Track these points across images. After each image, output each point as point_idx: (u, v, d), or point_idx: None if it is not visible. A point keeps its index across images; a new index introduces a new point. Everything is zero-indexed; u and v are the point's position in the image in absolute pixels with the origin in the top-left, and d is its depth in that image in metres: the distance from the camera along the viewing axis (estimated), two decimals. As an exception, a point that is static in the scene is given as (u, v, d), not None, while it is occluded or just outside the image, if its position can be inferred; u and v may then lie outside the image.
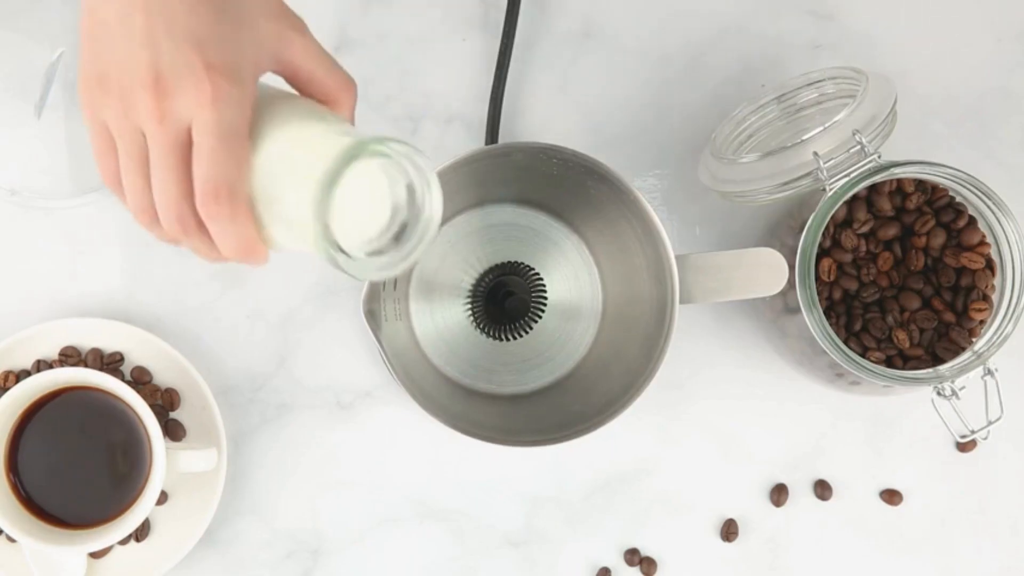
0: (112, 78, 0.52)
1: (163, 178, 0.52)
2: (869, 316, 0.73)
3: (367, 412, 0.78)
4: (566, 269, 0.77)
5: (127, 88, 0.52)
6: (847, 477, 0.79)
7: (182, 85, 0.51)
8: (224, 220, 0.52)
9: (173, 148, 0.52)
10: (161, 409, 0.76)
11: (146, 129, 0.52)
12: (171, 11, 0.52)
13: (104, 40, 0.52)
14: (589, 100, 0.79)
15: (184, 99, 0.51)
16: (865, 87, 0.69)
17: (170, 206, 0.53)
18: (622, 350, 0.76)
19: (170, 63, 0.51)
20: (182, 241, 0.54)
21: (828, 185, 0.68)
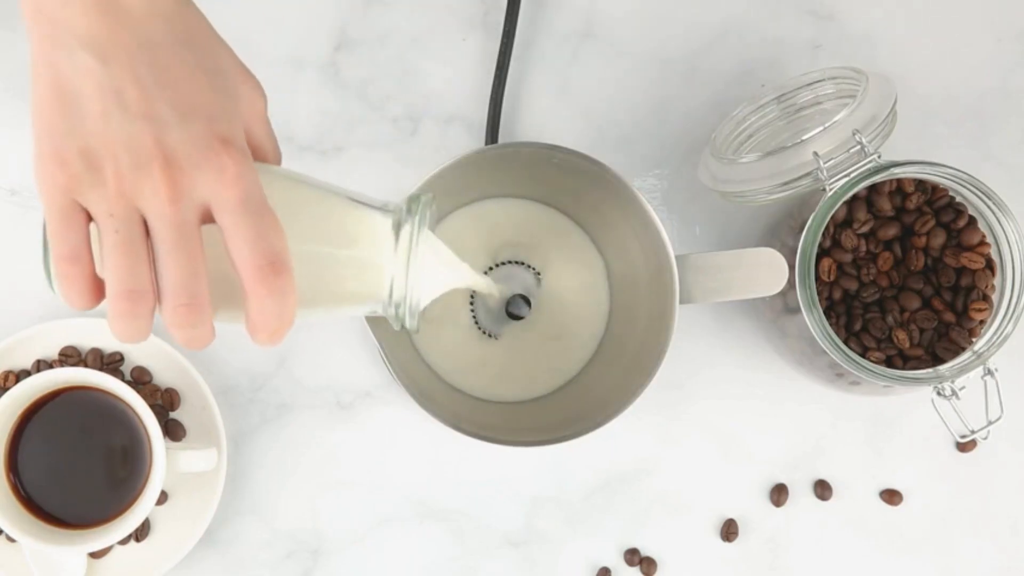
0: (101, 155, 0.48)
1: (178, 262, 0.49)
2: (869, 316, 0.73)
3: (367, 412, 0.78)
4: (571, 267, 0.77)
5: (127, 167, 0.48)
6: (847, 477, 0.79)
7: (198, 163, 0.48)
8: (284, 293, 0.49)
9: (190, 229, 0.49)
10: (161, 409, 0.76)
11: (153, 211, 0.48)
12: (170, 82, 0.49)
13: (81, 114, 0.49)
14: (589, 100, 0.79)
15: (202, 178, 0.49)
16: (865, 87, 0.69)
17: (183, 290, 0.49)
18: (622, 350, 0.76)
19: (180, 139, 0.49)
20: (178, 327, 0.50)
21: (828, 185, 0.68)
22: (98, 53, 0.49)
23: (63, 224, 0.49)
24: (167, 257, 0.49)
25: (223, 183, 0.49)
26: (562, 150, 0.71)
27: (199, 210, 0.49)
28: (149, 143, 0.48)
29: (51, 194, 0.49)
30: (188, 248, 0.49)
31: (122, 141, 0.48)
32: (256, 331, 0.50)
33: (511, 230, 0.77)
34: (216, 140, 0.49)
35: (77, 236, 0.49)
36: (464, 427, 0.71)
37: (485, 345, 0.77)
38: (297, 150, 0.78)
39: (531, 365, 0.77)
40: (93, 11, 0.49)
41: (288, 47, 0.78)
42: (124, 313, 0.49)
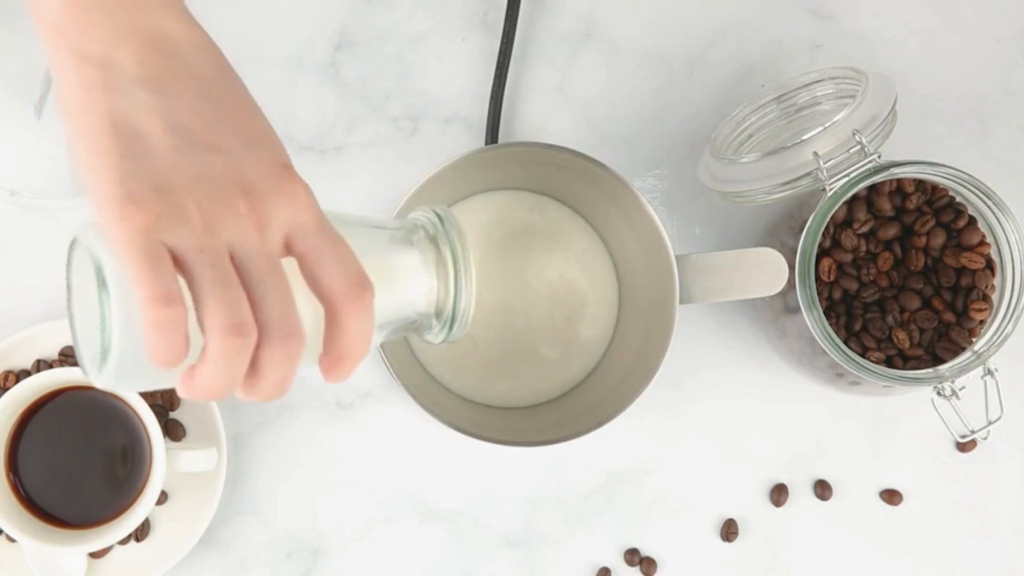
0: (180, 190, 0.46)
1: (276, 292, 0.47)
2: (869, 316, 0.73)
3: (367, 412, 0.78)
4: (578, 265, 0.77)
5: (207, 200, 0.47)
6: (847, 477, 0.79)
7: (273, 191, 0.48)
8: (370, 312, 0.48)
9: (277, 259, 0.48)
10: (161, 409, 0.76)
11: (240, 243, 0.47)
12: (228, 113, 0.49)
13: (149, 151, 0.47)
14: (589, 100, 0.79)
15: (280, 206, 0.48)
16: (865, 87, 0.69)
17: (284, 321, 0.47)
18: (623, 350, 0.76)
19: (252, 168, 0.48)
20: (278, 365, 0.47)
21: (828, 185, 0.68)
22: (157, 89, 0.48)
23: (152, 263, 0.46)
24: (263, 288, 0.47)
25: (299, 209, 0.48)
26: (562, 150, 0.71)
27: (280, 239, 0.48)
28: (225, 174, 0.47)
29: (132, 238, 0.46)
30: (281, 278, 0.47)
31: (197, 174, 0.47)
32: (338, 361, 0.49)
33: (517, 222, 0.77)
34: (282, 167, 0.49)
35: (169, 277, 0.46)
36: (464, 427, 0.71)
37: (484, 349, 0.76)
38: (297, 150, 0.78)
39: (534, 372, 0.77)
40: (146, 50, 0.48)
41: (288, 47, 0.78)
42: (231, 352, 0.46)
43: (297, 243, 0.48)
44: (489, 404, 0.76)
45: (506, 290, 0.76)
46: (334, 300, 0.48)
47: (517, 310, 0.76)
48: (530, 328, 0.76)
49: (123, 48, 0.48)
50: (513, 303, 0.76)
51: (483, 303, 0.75)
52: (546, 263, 0.76)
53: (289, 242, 0.48)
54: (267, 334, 0.47)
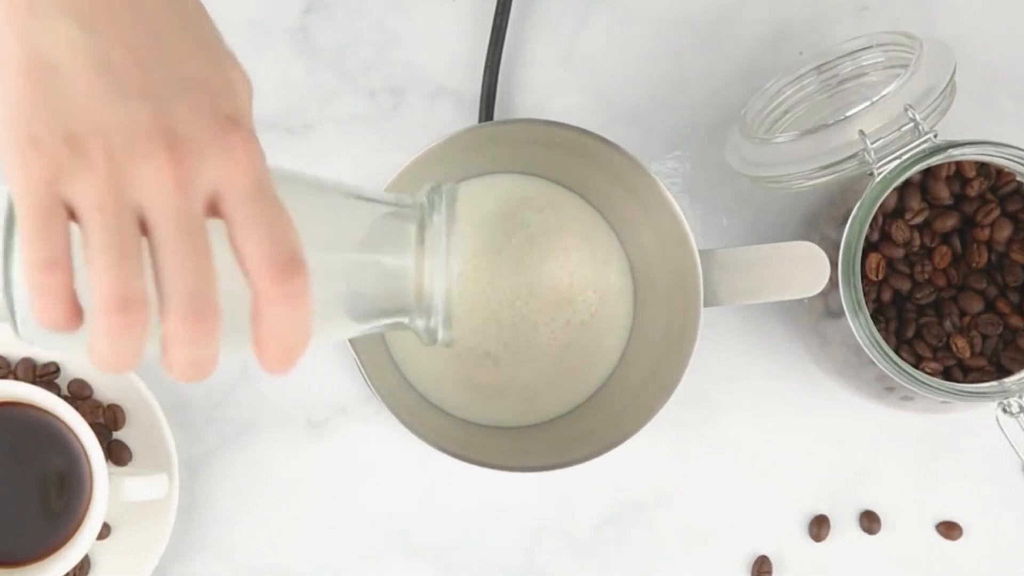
0: (89, 137, 0.47)
1: (187, 262, 0.47)
2: (924, 321, 0.73)
3: (343, 431, 0.78)
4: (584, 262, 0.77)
5: (120, 149, 0.46)
6: (898, 507, 0.79)
7: (205, 144, 0.47)
8: (301, 297, 0.48)
9: (198, 223, 0.47)
10: (103, 428, 0.76)
11: (154, 200, 0.47)
12: (167, 53, 0.48)
13: (63, 91, 0.47)
14: (598, 71, 0.79)
15: (210, 161, 0.47)
16: (919, 55, 0.69)
17: (194, 296, 0.47)
18: (638, 360, 0.76)
19: (184, 117, 0.47)
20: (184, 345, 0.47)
21: (876, 169, 0.69)
22: (83, 20, 0.48)
23: (42, 223, 0.46)
24: (173, 257, 0.47)
25: (234, 167, 0.47)
26: (567, 128, 0.71)
27: (205, 200, 0.48)
28: (147, 121, 0.47)
29: (26, 186, 0.46)
30: (197, 245, 0.47)
31: (114, 120, 0.47)
32: (266, 349, 0.49)
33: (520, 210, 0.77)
34: (223, 118, 0.48)
35: (57, 237, 0.47)
36: (454, 449, 0.71)
37: (478, 362, 0.76)
38: (261, 128, 0.75)
39: (535, 385, 0.77)
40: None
41: (251, 9, 0.78)
42: (115, 329, 0.46)
43: (224, 207, 0.48)
44: (483, 422, 0.77)
45: (502, 292, 0.76)
46: (257, 279, 0.48)
47: (515, 315, 0.76)
48: (530, 336, 0.76)
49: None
50: (510, 307, 0.76)
51: (475, 307, 0.76)
52: (548, 260, 0.77)
53: (217, 205, 0.48)
54: (171, 310, 0.47)
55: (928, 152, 0.68)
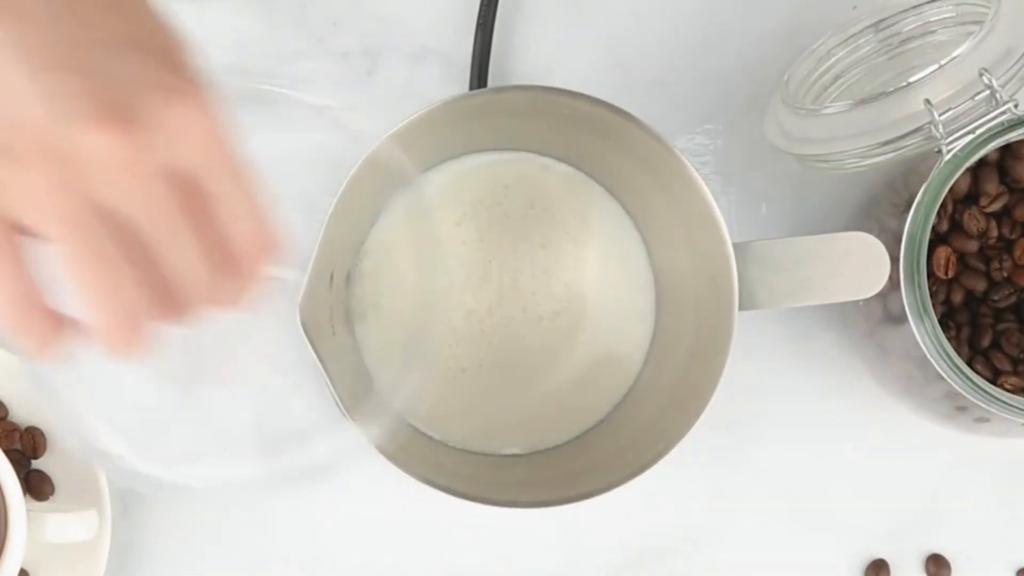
0: (15, 137, 0.46)
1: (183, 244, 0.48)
2: (1002, 327, 0.73)
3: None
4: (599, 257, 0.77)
5: (54, 144, 0.46)
6: (972, 550, 0.80)
7: (153, 112, 0.47)
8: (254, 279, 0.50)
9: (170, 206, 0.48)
10: (20, 456, 0.76)
11: (109, 191, 0.47)
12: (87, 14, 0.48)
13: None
14: (613, 30, 0.79)
15: (165, 134, 0.47)
16: (996, 10, 0.69)
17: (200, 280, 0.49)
18: (660, 375, 0.76)
19: (123, 85, 0.47)
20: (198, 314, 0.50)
21: (945, 146, 0.69)
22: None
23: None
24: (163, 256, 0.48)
25: (193, 130, 0.48)
26: (576, 97, 0.71)
27: (173, 173, 0.48)
28: (80, 97, 0.46)
29: None
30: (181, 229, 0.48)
31: (41, 109, 0.46)
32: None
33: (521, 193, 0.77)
34: (166, 72, 0.48)
35: (11, 265, 0.47)
36: (442, 482, 0.71)
37: (471, 375, 0.77)
38: None
39: (539, 405, 0.77)
40: None
41: None
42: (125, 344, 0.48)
43: (192, 182, 0.48)
44: (476, 450, 0.77)
45: (500, 294, 0.76)
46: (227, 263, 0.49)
47: (514, 322, 0.76)
48: (534, 346, 0.77)
49: None
50: (510, 312, 0.76)
51: (467, 313, 0.76)
52: (555, 256, 0.77)
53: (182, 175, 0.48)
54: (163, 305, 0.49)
55: (1007, 126, 0.68)
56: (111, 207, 0.47)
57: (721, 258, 0.71)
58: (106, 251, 0.47)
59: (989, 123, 0.68)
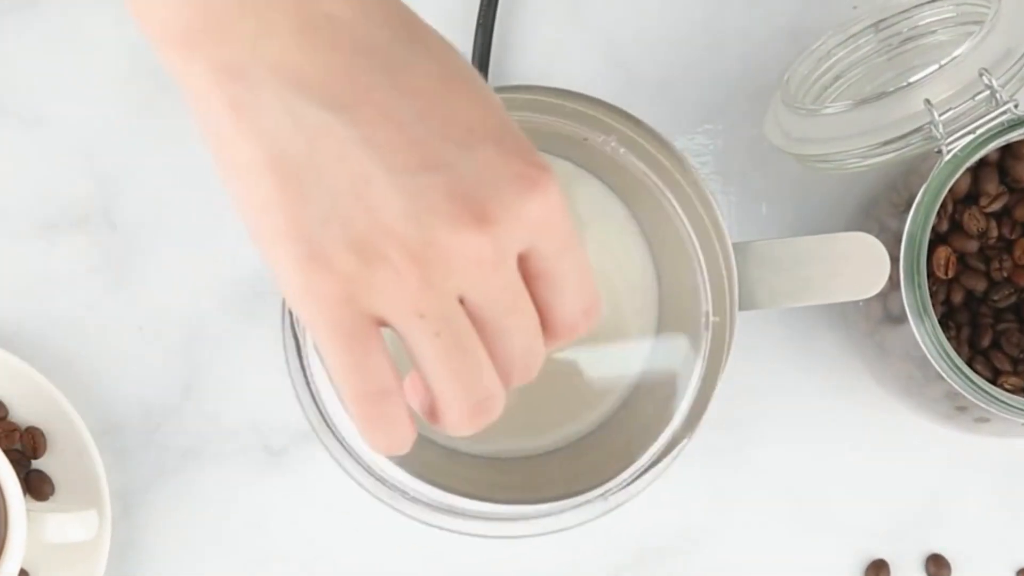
0: (378, 239, 0.47)
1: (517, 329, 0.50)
2: (1002, 327, 0.73)
3: (307, 461, 0.79)
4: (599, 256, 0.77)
5: (418, 243, 0.47)
6: (972, 550, 0.80)
7: (509, 204, 0.48)
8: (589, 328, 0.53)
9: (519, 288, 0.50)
10: (21, 456, 0.76)
11: (475, 284, 0.48)
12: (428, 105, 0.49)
13: (328, 191, 0.47)
14: (613, 30, 0.79)
15: (522, 221, 0.48)
16: (996, 10, 0.69)
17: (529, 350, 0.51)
18: (660, 375, 0.76)
19: (479, 179, 0.48)
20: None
21: (945, 146, 0.69)
22: (322, 95, 0.48)
23: (356, 349, 0.48)
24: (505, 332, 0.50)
25: (546, 221, 0.49)
26: (576, 97, 0.71)
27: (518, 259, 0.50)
28: (440, 197, 0.47)
29: (325, 314, 0.48)
30: (525, 310, 0.50)
31: (399, 208, 0.47)
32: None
33: None
34: (519, 163, 0.49)
35: (378, 362, 0.49)
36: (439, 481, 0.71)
37: None
38: None
39: (538, 407, 0.76)
40: (304, 43, 0.48)
41: None
42: (476, 425, 0.51)
43: (533, 264, 0.50)
44: (476, 452, 0.77)
45: None
46: (556, 329, 0.51)
47: None
48: None
49: (271, 46, 0.48)
50: None
51: None
52: None
53: (523, 257, 0.50)
54: (507, 377, 0.51)
55: (1007, 126, 0.68)
56: (471, 299, 0.49)
57: (721, 257, 0.70)
58: (469, 340, 0.49)
59: (989, 123, 0.68)
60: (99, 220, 0.77)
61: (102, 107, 0.77)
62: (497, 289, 0.49)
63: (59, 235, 0.77)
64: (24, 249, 0.78)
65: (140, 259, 0.77)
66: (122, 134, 0.77)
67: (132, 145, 0.78)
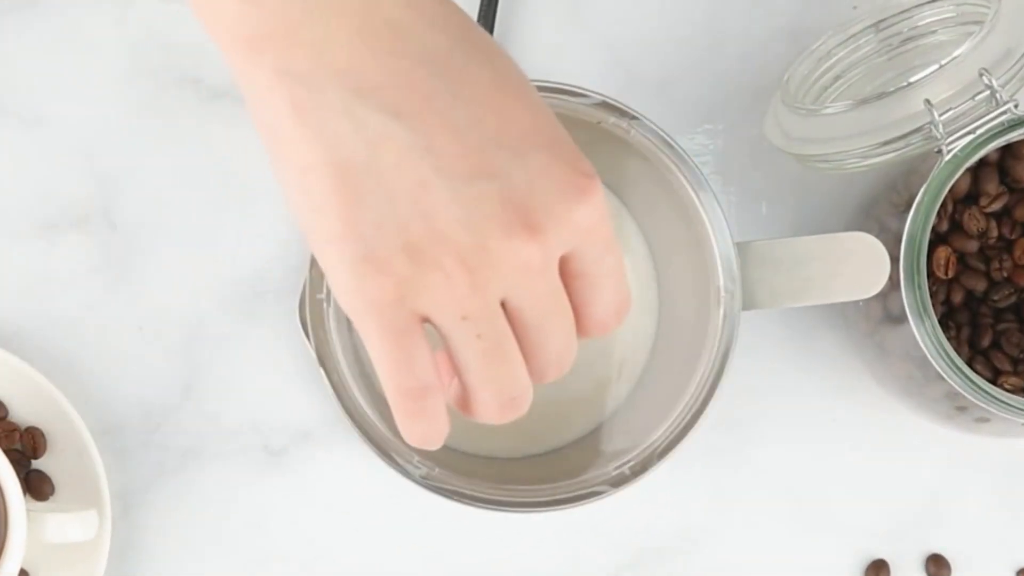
0: (432, 243, 0.49)
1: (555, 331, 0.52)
2: (1002, 327, 0.73)
3: (307, 461, 0.79)
4: None
5: (471, 249, 0.49)
6: (972, 550, 0.80)
7: (561, 211, 0.50)
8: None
9: (560, 292, 0.52)
10: (20, 456, 0.76)
11: (521, 288, 0.50)
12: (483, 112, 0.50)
13: (387, 195, 0.49)
14: (613, 30, 0.79)
15: (568, 227, 0.50)
16: (996, 10, 0.69)
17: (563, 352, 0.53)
18: (660, 374, 0.76)
19: (530, 187, 0.49)
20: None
21: (945, 146, 0.69)
22: (383, 101, 0.49)
23: (403, 347, 0.50)
24: (543, 334, 0.52)
25: (591, 226, 0.51)
26: (576, 95, 0.71)
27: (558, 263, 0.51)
28: (492, 204, 0.49)
29: (375, 314, 0.49)
30: (563, 313, 0.52)
31: (453, 213, 0.49)
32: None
33: None
34: (569, 172, 0.50)
35: (423, 360, 0.51)
36: (438, 484, 0.71)
37: None
38: (209, 97, 0.78)
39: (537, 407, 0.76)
40: (367, 49, 0.49)
41: None
42: (507, 417, 0.53)
43: (574, 264, 0.51)
44: (477, 453, 0.77)
45: None
46: (589, 326, 0.53)
47: None
48: None
49: (335, 52, 0.49)
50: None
51: None
52: None
53: (565, 258, 0.51)
54: (542, 375, 0.53)
55: (1007, 126, 0.68)
56: (515, 304, 0.51)
57: (722, 258, 0.71)
58: (509, 342, 0.51)
59: (989, 123, 0.68)
60: (99, 220, 0.77)
61: (102, 107, 0.78)
62: (541, 294, 0.50)
63: (59, 235, 0.77)
64: (24, 249, 0.78)
65: (140, 259, 0.77)
66: (122, 134, 0.78)
67: (132, 145, 0.78)
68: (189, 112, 0.77)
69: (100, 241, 0.77)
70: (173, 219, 0.78)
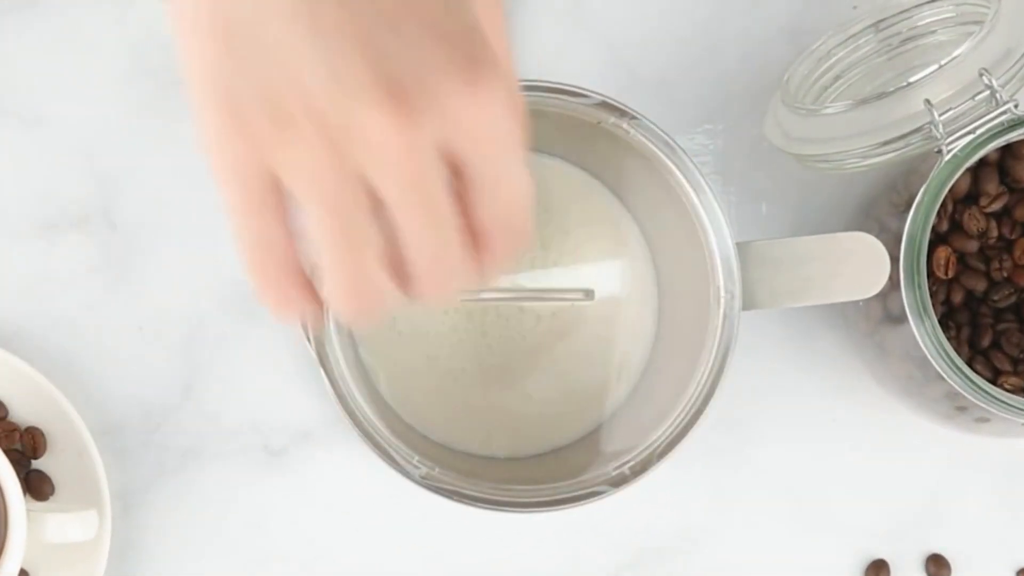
0: (293, 99, 0.47)
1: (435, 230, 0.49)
2: (1002, 327, 0.74)
3: (307, 461, 0.79)
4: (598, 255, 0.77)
5: (332, 109, 0.47)
6: (972, 550, 0.80)
7: (437, 95, 0.47)
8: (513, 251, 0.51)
9: (433, 187, 0.48)
10: (20, 456, 0.76)
11: (380, 166, 0.47)
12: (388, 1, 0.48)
13: (257, 48, 0.47)
14: (613, 30, 0.79)
15: (446, 116, 0.47)
16: (996, 10, 0.69)
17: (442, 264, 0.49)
18: (660, 375, 0.76)
19: (409, 68, 0.47)
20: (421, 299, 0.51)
21: (945, 146, 0.69)
22: None
23: (253, 208, 0.49)
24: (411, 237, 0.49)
25: (477, 119, 0.48)
26: (576, 94, 0.71)
27: (442, 156, 0.48)
28: (362, 71, 0.47)
29: (230, 167, 0.48)
30: (435, 212, 0.48)
31: (321, 74, 0.47)
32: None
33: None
34: (460, 57, 0.48)
35: (273, 222, 0.49)
36: (438, 484, 0.71)
37: (466, 375, 0.77)
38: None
39: (538, 410, 0.77)
40: None
41: None
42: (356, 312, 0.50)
43: (458, 163, 0.48)
44: (477, 453, 0.77)
45: (495, 291, 0.76)
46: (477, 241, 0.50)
47: (513, 322, 0.76)
48: (532, 347, 0.77)
49: None
50: (508, 312, 0.76)
51: (466, 312, 0.76)
52: (555, 255, 0.77)
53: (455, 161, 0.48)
54: (407, 284, 0.50)
55: (1007, 126, 0.68)
56: (376, 185, 0.48)
57: (722, 258, 0.71)
58: (358, 224, 0.48)
59: (989, 123, 0.68)
60: (99, 220, 0.78)
61: (102, 107, 0.78)
62: (405, 180, 0.48)
63: (59, 235, 0.77)
64: (24, 249, 0.78)
65: (140, 259, 0.77)
66: (122, 134, 0.78)
67: (132, 145, 0.78)
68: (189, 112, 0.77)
69: (100, 241, 0.78)
70: (173, 219, 0.78)
